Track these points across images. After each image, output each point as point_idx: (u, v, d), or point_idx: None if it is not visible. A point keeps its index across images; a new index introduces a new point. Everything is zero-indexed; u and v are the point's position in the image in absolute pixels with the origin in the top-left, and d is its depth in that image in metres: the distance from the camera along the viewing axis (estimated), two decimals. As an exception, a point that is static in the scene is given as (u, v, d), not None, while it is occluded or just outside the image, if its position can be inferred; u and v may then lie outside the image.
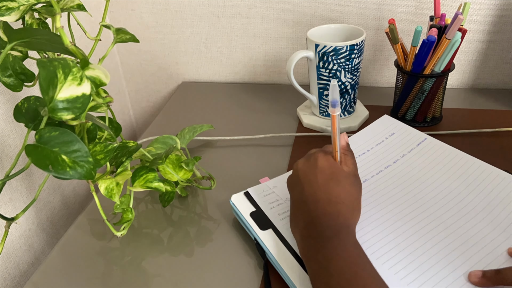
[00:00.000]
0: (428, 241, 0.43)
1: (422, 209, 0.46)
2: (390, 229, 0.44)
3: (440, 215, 0.45)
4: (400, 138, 0.56)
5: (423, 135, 0.56)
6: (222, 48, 0.84)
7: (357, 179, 0.44)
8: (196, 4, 0.80)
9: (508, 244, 0.42)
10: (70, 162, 0.36)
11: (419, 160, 0.52)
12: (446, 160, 0.51)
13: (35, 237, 0.60)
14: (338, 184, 0.42)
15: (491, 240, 0.42)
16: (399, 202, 0.47)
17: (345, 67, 0.63)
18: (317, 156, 0.44)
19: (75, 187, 0.70)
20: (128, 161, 0.49)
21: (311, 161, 0.44)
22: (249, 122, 0.73)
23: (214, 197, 0.57)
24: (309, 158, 0.45)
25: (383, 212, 0.46)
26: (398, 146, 0.55)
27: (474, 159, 0.51)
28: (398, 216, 0.45)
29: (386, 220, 0.45)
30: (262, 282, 0.44)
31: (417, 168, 0.51)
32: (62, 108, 0.36)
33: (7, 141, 0.55)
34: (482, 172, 0.49)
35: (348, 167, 0.44)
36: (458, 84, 0.79)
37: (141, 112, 0.96)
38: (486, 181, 0.48)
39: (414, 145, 0.54)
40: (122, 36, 0.50)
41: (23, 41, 0.38)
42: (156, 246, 0.50)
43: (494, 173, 0.49)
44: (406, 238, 0.43)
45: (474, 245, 0.42)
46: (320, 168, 0.43)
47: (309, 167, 0.44)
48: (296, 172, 0.45)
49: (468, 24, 0.73)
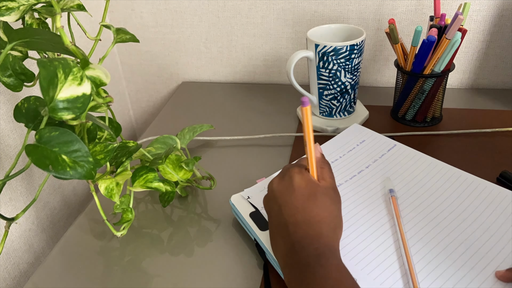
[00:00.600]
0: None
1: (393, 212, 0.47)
2: (366, 233, 0.45)
3: (413, 217, 0.46)
4: (371, 145, 0.57)
5: (393, 142, 0.57)
6: (222, 48, 0.84)
7: (336, 192, 0.42)
8: (196, 4, 0.80)
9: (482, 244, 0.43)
10: (70, 162, 0.36)
11: (390, 165, 0.54)
12: (416, 165, 0.53)
13: (35, 237, 0.60)
14: (316, 202, 0.40)
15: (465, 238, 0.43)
16: (372, 206, 0.48)
17: (345, 67, 0.63)
18: (292, 174, 0.42)
19: (75, 187, 0.70)
20: (128, 161, 0.49)
21: (286, 180, 0.42)
22: (249, 122, 0.73)
23: (214, 197, 0.57)
24: (283, 177, 0.43)
25: (358, 217, 0.47)
26: (369, 152, 0.56)
27: (441, 162, 0.53)
28: (372, 220, 0.47)
29: (362, 224, 0.46)
30: (262, 282, 0.44)
31: (389, 172, 0.53)
32: (63, 108, 0.36)
33: (7, 141, 0.55)
34: (447, 174, 0.51)
35: (326, 181, 0.42)
36: (458, 84, 0.79)
37: (141, 112, 0.96)
38: (454, 184, 0.50)
39: (385, 151, 0.56)
40: (122, 36, 0.50)
41: (23, 41, 0.38)
42: (156, 246, 0.50)
43: (461, 176, 0.51)
44: (382, 243, 0.44)
45: (449, 245, 0.43)
46: (296, 187, 0.41)
47: (285, 187, 0.41)
48: (272, 192, 0.43)
49: (468, 24, 0.73)
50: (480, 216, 0.45)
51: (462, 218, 0.45)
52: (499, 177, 0.54)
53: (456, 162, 0.58)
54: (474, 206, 0.47)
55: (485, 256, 0.41)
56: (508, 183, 0.53)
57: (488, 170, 0.56)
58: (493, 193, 0.48)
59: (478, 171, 0.56)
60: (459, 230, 0.44)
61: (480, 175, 0.55)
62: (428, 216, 0.46)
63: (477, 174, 0.56)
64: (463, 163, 0.58)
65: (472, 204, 0.47)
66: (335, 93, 0.66)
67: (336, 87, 0.65)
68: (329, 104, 0.67)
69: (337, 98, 0.66)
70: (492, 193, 0.48)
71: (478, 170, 0.57)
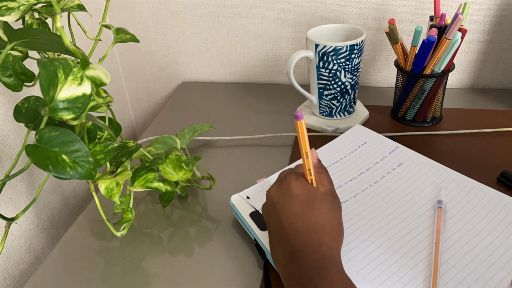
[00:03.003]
0: (403, 246, 0.43)
1: (396, 214, 0.47)
2: (366, 234, 0.45)
3: (413, 220, 0.46)
4: (372, 147, 0.57)
5: (395, 144, 0.57)
6: (222, 48, 0.84)
7: (335, 198, 0.41)
8: (196, 4, 0.80)
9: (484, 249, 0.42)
10: (70, 162, 0.36)
11: (391, 168, 0.54)
12: (417, 168, 0.53)
13: (35, 237, 0.60)
14: (315, 210, 0.39)
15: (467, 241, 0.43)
16: (372, 209, 0.48)
17: (345, 67, 0.63)
18: (290, 181, 0.41)
19: (75, 187, 0.70)
20: (128, 161, 0.49)
21: (284, 188, 0.41)
22: (249, 122, 0.73)
23: (214, 197, 0.57)
24: (280, 184, 0.42)
25: (356, 219, 0.47)
26: (370, 154, 0.56)
27: (443, 166, 0.53)
28: (372, 222, 0.46)
29: (361, 226, 0.46)
30: (262, 282, 0.44)
31: (389, 175, 0.53)
32: (63, 108, 0.36)
33: (7, 141, 0.55)
34: (449, 178, 0.51)
35: (324, 186, 0.41)
36: (458, 84, 0.79)
37: (141, 112, 0.96)
38: (456, 188, 0.49)
39: (386, 153, 0.56)
40: (122, 36, 0.50)
41: (23, 41, 0.38)
42: (156, 246, 0.50)
43: (463, 181, 0.50)
44: (381, 245, 0.43)
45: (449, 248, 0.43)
46: (294, 195, 0.40)
47: (282, 195, 0.41)
48: (270, 200, 0.43)
49: (468, 24, 0.73)
50: (482, 220, 0.45)
51: (463, 223, 0.45)
52: (499, 177, 0.54)
53: (456, 162, 0.58)
54: (475, 211, 0.46)
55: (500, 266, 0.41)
56: (509, 183, 0.53)
57: (488, 170, 0.56)
58: (495, 199, 0.47)
59: (478, 171, 0.56)
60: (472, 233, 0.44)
61: (480, 175, 0.56)
62: (428, 220, 0.46)
63: (477, 174, 0.56)
64: (463, 163, 0.58)
65: (474, 210, 0.46)
66: (335, 93, 0.66)
67: (336, 87, 0.65)
68: (329, 104, 0.67)
69: (337, 98, 0.66)
70: (493, 199, 0.47)
71: (478, 170, 0.57)
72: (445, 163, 0.57)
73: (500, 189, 0.53)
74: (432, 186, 0.50)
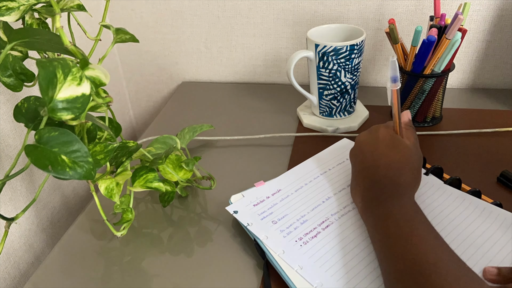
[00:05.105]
0: None
1: None
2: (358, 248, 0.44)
3: None
4: None
5: None
6: (222, 48, 0.84)
7: (418, 151, 0.45)
8: (196, 4, 0.80)
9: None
10: (70, 162, 0.36)
11: None
12: None
13: (35, 237, 0.60)
14: (398, 152, 0.43)
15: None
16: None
17: (345, 67, 0.63)
18: (379, 128, 0.47)
19: (75, 187, 0.70)
20: (128, 161, 0.49)
21: (373, 133, 0.47)
22: (249, 122, 0.73)
23: (214, 197, 0.57)
24: (370, 131, 0.48)
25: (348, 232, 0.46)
26: None
27: (437, 179, 0.52)
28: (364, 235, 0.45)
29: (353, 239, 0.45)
30: (262, 282, 0.44)
31: None
32: (62, 108, 0.36)
33: (7, 141, 0.55)
34: (435, 188, 0.50)
35: (410, 140, 0.46)
36: (458, 84, 0.79)
37: (141, 112, 0.96)
38: (441, 197, 0.49)
39: None
40: (122, 36, 0.50)
41: (23, 41, 0.38)
42: (156, 246, 0.50)
43: (447, 190, 0.50)
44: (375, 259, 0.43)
45: None
46: (381, 138, 0.45)
47: (370, 138, 0.46)
48: (358, 143, 0.48)
49: (468, 24, 0.73)
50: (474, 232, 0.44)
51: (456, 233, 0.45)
52: (499, 177, 0.54)
53: (456, 162, 0.58)
54: (467, 222, 0.45)
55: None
56: (509, 183, 0.53)
57: (488, 170, 0.56)
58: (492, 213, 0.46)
59: (478, 171, 0.56)
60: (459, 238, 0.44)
61: (480, 175, 0.56)
62: None
63: (477, 174, 0.56)
64: (463, 163, 0.58)
65: (466, 221, 0.46)
66: (335, 93, 0.66)
67: (336, 87, 0.65)
68: (329, 104, 0.67)
69: (337, 98, 0.66)
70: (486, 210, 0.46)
71: (478, 170, 0.57)
72: (445, 163, 0.57)
73: (500, 189, 0.53)
74: (421, 192, 0.49)
